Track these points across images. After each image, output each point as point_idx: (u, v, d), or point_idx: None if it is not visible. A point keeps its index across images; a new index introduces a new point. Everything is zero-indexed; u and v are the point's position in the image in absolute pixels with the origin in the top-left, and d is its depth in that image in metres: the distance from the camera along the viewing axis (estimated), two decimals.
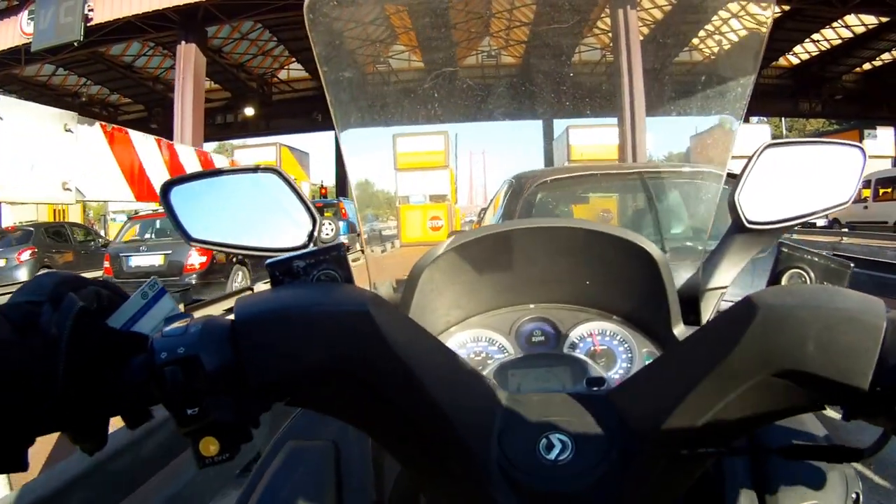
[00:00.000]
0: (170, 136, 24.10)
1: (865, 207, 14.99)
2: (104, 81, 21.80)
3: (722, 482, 0.56)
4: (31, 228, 10.78)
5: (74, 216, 15.96)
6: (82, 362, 0.34)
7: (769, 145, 0.76)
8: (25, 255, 9.89)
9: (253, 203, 0.62)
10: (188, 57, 13.65)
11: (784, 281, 0.62)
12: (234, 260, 8.08)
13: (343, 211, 14.21)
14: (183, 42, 13.68)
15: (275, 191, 0.61)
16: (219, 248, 0.62)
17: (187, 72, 13.57)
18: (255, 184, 0.61)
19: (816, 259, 0.62)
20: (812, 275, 0.62)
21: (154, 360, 0.34)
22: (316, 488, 0.57)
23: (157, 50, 18.72)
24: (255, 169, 0.61)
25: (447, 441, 0.37)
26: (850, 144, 0.79)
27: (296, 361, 0.36)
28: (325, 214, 11.83)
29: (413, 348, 0.37)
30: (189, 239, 0.60)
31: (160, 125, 22.37)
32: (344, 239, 12.33)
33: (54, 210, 15.92)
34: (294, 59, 22.17)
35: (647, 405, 0.38)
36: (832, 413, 0.39)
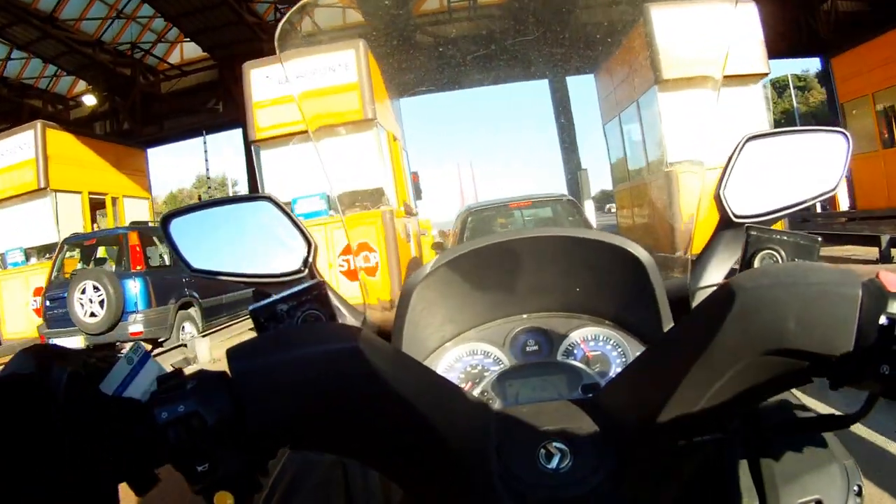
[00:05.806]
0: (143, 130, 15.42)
1: None
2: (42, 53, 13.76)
3: (721, 471, 0.63)
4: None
5: None
6: (81, 426, 0.38)
7: (750, 138, 0.85)
8: None
9: (250, 231, 0.71)
10: None
11: (756, 263, 0.71)
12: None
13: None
14: None
15: (270, 218, 0.70)
16: (219, 278, 0.71)
17: None
18: (252, 212, 0.71)
19: (785, 237, 0.72)
20: (783, 253, 0.71)
21: (155, 421, 0.39)
22: None
23: None
24: (250, 197, 0.70)
25: (448, 463, 0.43)
26: (833, 131, 0.89)
27: (294, 404, 0.40)
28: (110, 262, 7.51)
29: (404, 378, 0.43)
30: (191, 269, 0.70)
31: (128, 116, 15.55)
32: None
33: None
34: (176, 30, 14.37)
35: (638, 402, 0.44)
36: (816, 403, 0.49)
